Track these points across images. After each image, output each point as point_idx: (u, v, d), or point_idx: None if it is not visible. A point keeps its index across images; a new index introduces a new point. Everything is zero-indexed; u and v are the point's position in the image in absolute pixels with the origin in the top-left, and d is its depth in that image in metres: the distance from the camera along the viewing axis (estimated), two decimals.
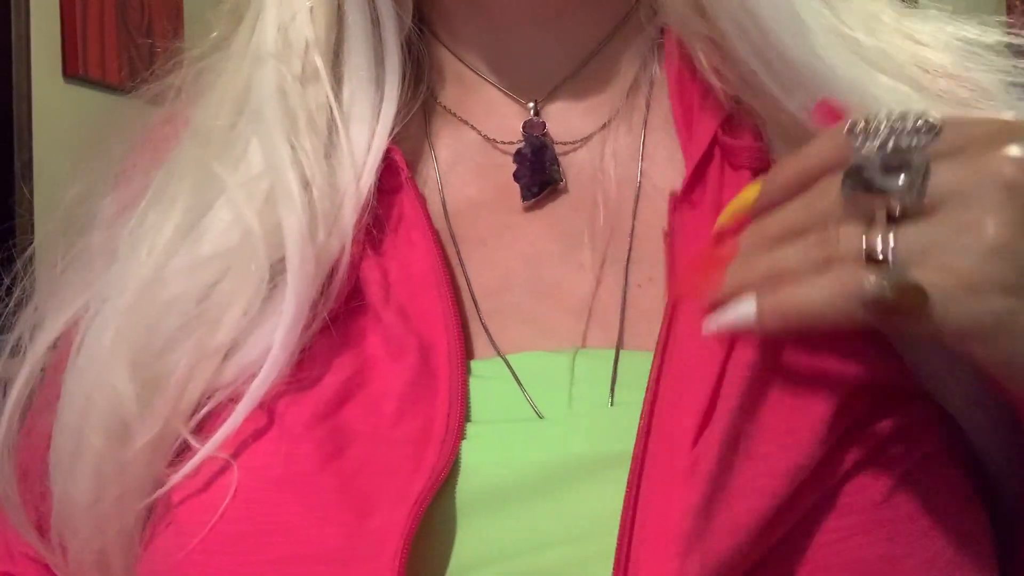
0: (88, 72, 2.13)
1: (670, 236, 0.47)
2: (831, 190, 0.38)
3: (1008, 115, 0.41)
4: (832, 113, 0.43)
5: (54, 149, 1.98)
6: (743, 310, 0.39)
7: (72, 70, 2.10)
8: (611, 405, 0.45)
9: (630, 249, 0.50)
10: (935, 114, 0.38)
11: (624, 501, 0.40)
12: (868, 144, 0.38)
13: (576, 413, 0.45)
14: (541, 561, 0.41)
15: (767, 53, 0.47)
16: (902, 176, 0.37)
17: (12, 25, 1.96)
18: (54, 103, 2.05)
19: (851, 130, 0.39)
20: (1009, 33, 0.52)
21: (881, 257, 0.36)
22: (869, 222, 0.37)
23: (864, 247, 0.37)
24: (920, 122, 0.38)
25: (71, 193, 0.54)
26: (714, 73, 0.49)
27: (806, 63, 0.46)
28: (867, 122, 0.38)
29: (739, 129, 0.49)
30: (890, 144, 0.38)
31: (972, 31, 0.51)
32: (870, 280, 0.36)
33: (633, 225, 0.50)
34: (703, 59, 0.50)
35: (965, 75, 0.50)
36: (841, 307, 0.37)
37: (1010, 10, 2.50)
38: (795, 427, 0.40)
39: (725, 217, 0.43)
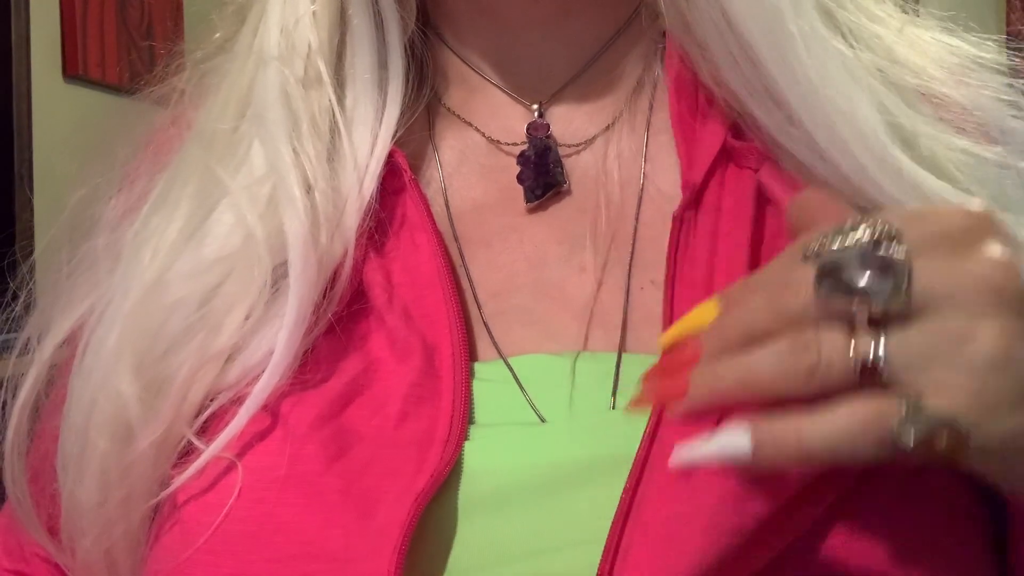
0: (88, 72, 2.13)
1: (673, 247, 0.47)
2: (801, 290, 0.35)
3: (974, 203, 0.38)
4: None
5: (54, 149, 1.98)
6: (736, 443, 0.35)
7: (72, 70, 2.10)
8: (612, 409, 0.45)
9: (632, 252, 0.50)
10: (890, 223, 0.35)
11: (619, 505, 0.40)
12: (836, 248, 0.35)
13: (577, 417, 0.45)
14: (540, 566, 0.41)
15: (743, 66, 0.47)
16: (887, 277, 0.34)
17: (12, 25, 1.96)
18: (54, 103, 2.05)
19: (806, 255, 0.36)
20: (1009, 50, 0.52)
21: (872, 366, 0.34)
22: (848, 326, 0.34)
23: (853, 355, 0.34)
24: (880, 234, 0.35)
25: (76, 196, 0.54)
26: (713, 81, 0.49)
27: (781, 82, 0.46)
28: (821, 243, 0.36)
29: (747, 132, 0.49)
30: (862, 245, 0.35)
31: (971, 47, 0.51)
32: (897, 419, 0.33)
33: (636, 228, 0.51)
34: (703, 66, 0.50)
35: (960, 88, 0.50)
36: (864, 450, 0.34)
37: (1010, 8, 2.50)
38: None
39: (670, 337, 0.39)
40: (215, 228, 0.50)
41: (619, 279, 0.49)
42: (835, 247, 0.35)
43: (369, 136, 0.52)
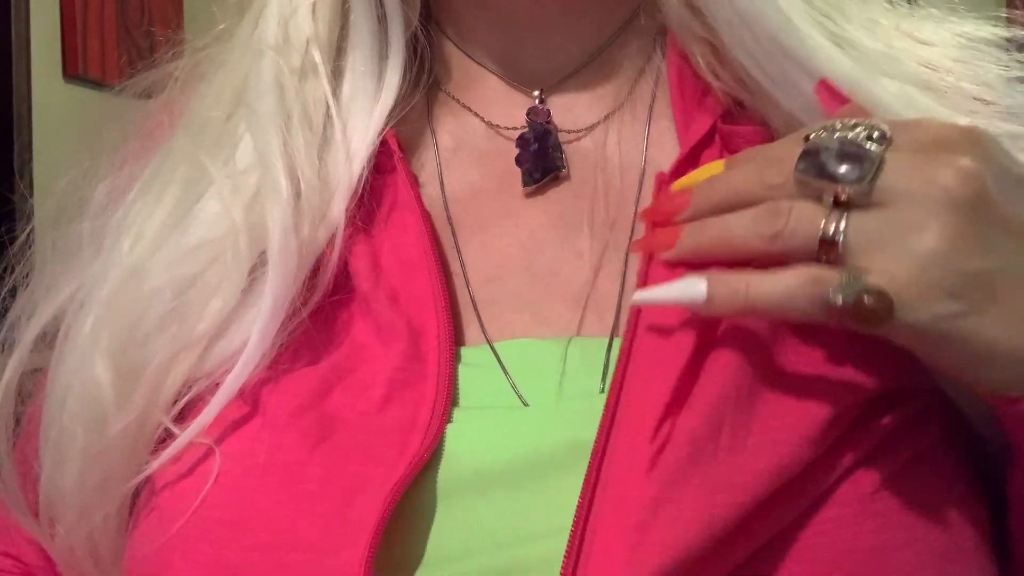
0: (88, 72, 2.13)
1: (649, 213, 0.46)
2: (785, 166, 0.40)
3: (963, 121, 0.42)
4: (833, 92, 0.44)
5: (54, 149, 1.98)
6: (693, 291, 0.40)
7: (72, 70, 2.10)
8: (602, 392, 0.44)
9: (631, 237, 0.49)
10: (884, 125, 0.39)
11: (582, 492, 0.40)
12: (826, 135, 0.39)
13: (564, 401, 0.44)
14: (519, 553, 0.41)
15: (762, 56, 0.47)
16: (858, 166, 0.38)
17: (12, 25, 1.96)
18: (54, 103, 2.05)
19: (806, 136, 0.40)
20: (1009, 27, 0.52)
21: (831, 241, 0.38)
22: (818, 204, 0.39)
23: (820, 229, 0.38)
24: (872, 132, 0.39)
25: (66, 180, 0.54)
26: (711, 74, 0.49)
27: (803, 65, 0.46)
28: (821, 130, 0.40)
29: (740, 120, 0.49)
30: (848, 136, 0.39)
31: (970, 26, 0.51)
32: (833, 284, 0.37)
33: (635, 213, 0.50)
34: (701, 61, 0.50)
35: (966, 71, 0.49)
36: (800, 306, 0.38)
37: (1010, 4, 2.50)
38: (787, 425, 0.40)
39: (681, 185, 0.44)
40: (200, 216, 0.50)
41: (616, 264, 0.49)
42: (830, 135, 0.39)
43: (363, 126, 0.52)
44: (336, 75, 0.53)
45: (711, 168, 0.43)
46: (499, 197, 0.53)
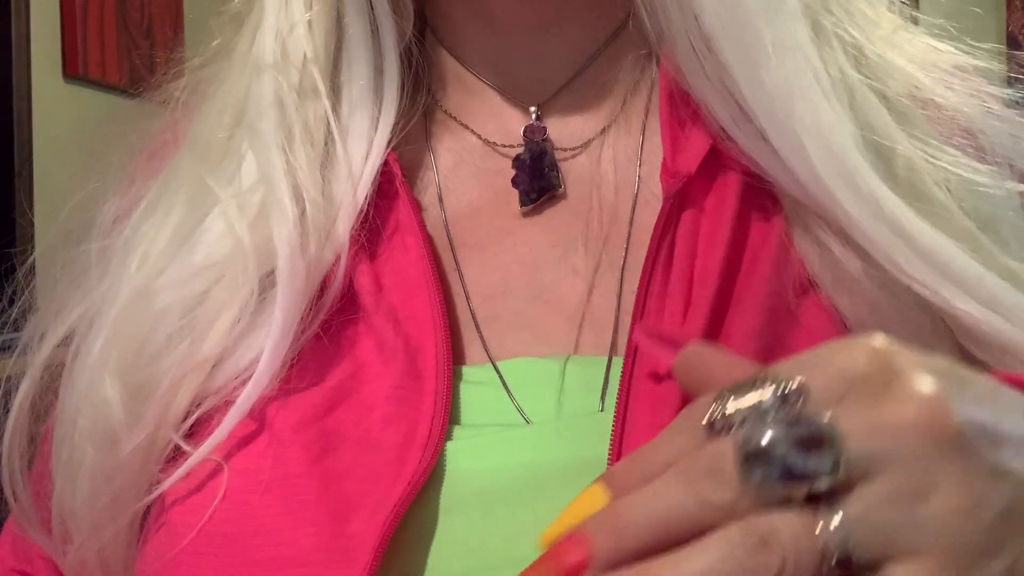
0: (88, 72, 2.13)
1: (656, 238, 0.46)
2: (724, 477, 0.30)
3: (874, 339, 0.33)
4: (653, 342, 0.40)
5: (54, 149, 1.98)
6: None
7: (72, 70, 2.10)
8: (601, 411, 0.45)
9: (626, 255, 0.50)
10: (786, 373, 0.32)
11: None
12: (760, 425, 0.31)
13: (563, 419, 0.45)
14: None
15: (713, 79, 0.47)
16: (822, 451, 0.30)
17: (12, 25, 1.96)
18: (54, 103, 2.05)
19: (710, 424, 0.32)
20: (1008, 55, 0.52)
21: (846, 557, 0.30)
22: (790, 508, 0.30)
23: (826, 546, 0.30)
24: (782, 386, 0.31)
25: (73, 200, 0.55)
26: (695, 91, 0.49)
27: (749, 96, 0.46)
28: (722, 408, 0.32)
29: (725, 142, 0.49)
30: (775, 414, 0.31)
31: (962, 54, 0.51)
32: None
33: (630, 231, 0.51)
34: (686, 76, 0.49)
35: (949, 96, 0.49)
36: None
37: (1010, 9, 2.50)
38: None
39: (554, 532, 0.33)
40: (205, 236, 0.50)
41: (612, 282, 0.49)
42: (738, 410, 0.31)
43: (364, 144, 0.52)
44: (334, 91, 0.53)
45: (590, 498, 0.33)
46: (498, 216, 0.53)
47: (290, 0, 0.53)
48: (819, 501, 0.30)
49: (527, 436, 0.44)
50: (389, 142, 0.52)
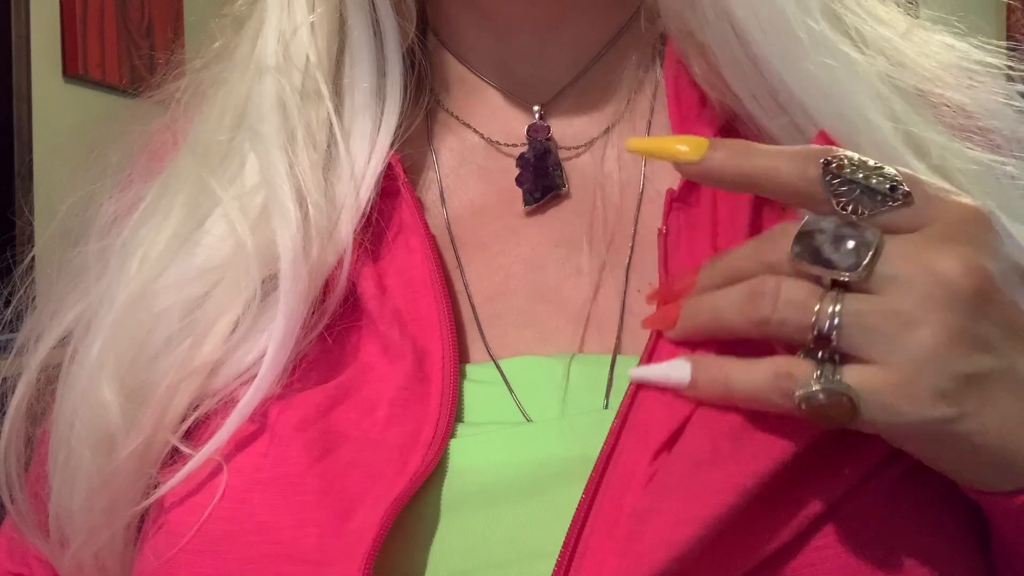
0: (88, 72, 2.13)
1: (665, 235, 0.46)
2: (780, 245, 0.38)
3: (983, 202, 0.39)
4: (831, 143, 0.43)
5: (54, 149, 1.98)
6: (678, 373, 0.40)
7: (72, 70, 2.10)
8: (605, 409, 0.44)
9: (631, 254, 0.50)
10: (906, 184, 0.37)
11: (578, 506, 0.40)
12: (829, 200, 0.37)
13: (567, 417, 0.44)
14: (523, 570, 0.41)
15: (749, 73, 0.47)
16: (855, 252, 0.36)
17: (12, 25, 1.96)
18: (54, 103, 2.06)
19: (826, 167, 0.38)
20: (1010, 51, 0.52)
21: (826, 335, 0.36)
22: (812, 286, 0.37)
23: (813, 317, 0.36)
24: (892, 186, 0.37)
25: (70, 200, 0.54)
26: (707, 83, 0.49)
27: (790, 89, 0.46)
28: (841, 165, 0.38)
29: (739, 132, 0.49)
30: (850, 208, 0.37)
31: (978, 51, 0.51)
32: (802, 383, 0.36)
33: (635, 230, 0.50)
34: (697, 69, 0.50)
35: (969, 95, 0.50)
36: (771, 400, 0.38)
37: (1010, 9, 2.50)
38: (789, 431, 0.40)
39: (642, 145, 0.42)
40: (206, 238, 0.50)
41: (616, 281, 0.49)
42: (854, 176, 0.37)
43: (367, 146, 0.51)
44: (337, 93, 0.53)
45: (688, 146, 0.41)
46: (500, 215, 0.53)
47: (293, 2, 0.53)
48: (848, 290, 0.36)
49: (530, 433, 0.44)
50: (392, 144, 0.52)
